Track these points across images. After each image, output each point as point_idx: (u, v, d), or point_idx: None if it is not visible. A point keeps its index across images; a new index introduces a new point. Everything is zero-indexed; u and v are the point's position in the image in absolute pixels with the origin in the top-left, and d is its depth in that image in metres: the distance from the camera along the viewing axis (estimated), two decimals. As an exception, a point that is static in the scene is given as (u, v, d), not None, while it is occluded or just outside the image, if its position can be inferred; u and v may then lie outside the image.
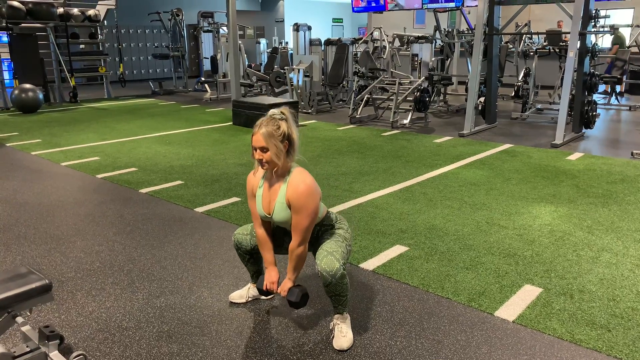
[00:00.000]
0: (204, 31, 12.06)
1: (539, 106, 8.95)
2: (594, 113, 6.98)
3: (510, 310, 2.62)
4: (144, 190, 4.67)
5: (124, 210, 4.15)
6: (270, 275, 2.40)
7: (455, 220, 3.87)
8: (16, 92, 9.37)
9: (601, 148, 6.42)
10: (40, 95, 9.60)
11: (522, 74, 9.56)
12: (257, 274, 2.67)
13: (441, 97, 10.14)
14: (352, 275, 3.01)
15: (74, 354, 2.14)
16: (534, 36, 13.13)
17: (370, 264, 3.13)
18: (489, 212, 4.04)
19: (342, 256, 2.25)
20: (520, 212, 4.05)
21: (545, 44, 10.69)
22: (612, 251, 3.31)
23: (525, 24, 10.91)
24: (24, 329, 2.28)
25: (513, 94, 10.14)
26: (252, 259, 2.59)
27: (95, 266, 3.14)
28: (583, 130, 7.09)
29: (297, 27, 9.57)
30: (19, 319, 1.98)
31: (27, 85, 9.47)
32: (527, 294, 2.77)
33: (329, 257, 2.21)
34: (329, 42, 10.46)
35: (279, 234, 2.47)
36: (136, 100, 11.42)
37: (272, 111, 2.24)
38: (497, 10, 7.20)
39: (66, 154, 6.11)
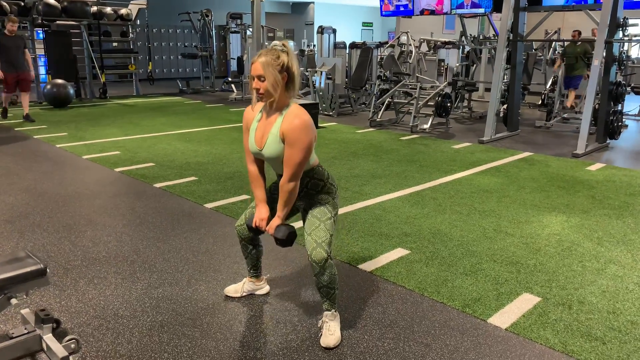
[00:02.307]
0: (232, 32, 12.23)
1: (564, 115, 8.76)
2: (620, 123, 6.80)
3: (504, 317, 2.58)
4: (158, 185, 4.77)
5: (136, 204, 4.25)
6: (260, 212, 2.37)
7: (462, 226, 3.84)
8: (49, 86, 9.70)
9: (625, 159, 6.25)
10: (72, 91, 9.90)
11: (549, 82, 9.39)
12: (254, 269, 2.71)
13: (465, 103, 10.04)
14: (349, 276, 3.01)
15: (67, 338, 2.21)
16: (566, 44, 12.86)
17: (369, 266, 3.13)
18: (497, 220, 3.98)
19: (328, 242, 2.26)
20: (530, 220, 3.98)
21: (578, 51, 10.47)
22: (619, 263, 3.23)
23: (555, 32, 10.69)
24: (23, 312, 2.38)
25: (540, 102, 9.98)
26: (254, 249, 2.60)
27: (101, 256, 3.24)
28: (608, 141, 6.91)
29: (321, 30, 9.62)
30: (14, 301, 2.06)
31: (59, 81, 9.78)
32: (525, 302, 2.73)
33: (318, 250, 2.23)
34: (353, 46, 10.47)
35: (275, 203, 2.42)
36: (163, 98, 11.66)
37: (274, 42, 2.22)
38: (522, 17, 7.09)
39: (89, 148, 6.29)
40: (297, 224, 2.72)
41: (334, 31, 10.10)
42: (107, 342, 2.33)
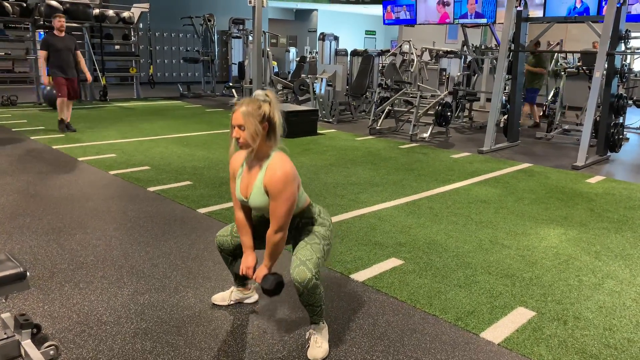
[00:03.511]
0: (233, 37, 12.22)
1: (565, 127, 8.71)
2: (621, 136, 6.75)
3: (497, 332, 2.52)
4: (152, 189, 4.72)
5: (128, 207, 4.20)
6: (247, 260, 2.34)
7: (458, 236, 3.77)
8: (48, 88, 9.66)
9: (625, 172, 6.19)
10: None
11: (551, 94, 9.35)
12: (239, 278, 2.65)
13: (466, 113, 10.00)
14: (341, 285, 2.95)
15: (46, 344, 2.15)
16: (568, 56, 12.85)
17: (361, 276, 3.07)
18: (493, 231, 3.92)
19: (315, 264, 2.19)
20: (527, 232, 3.92)
21: (579, 64, 10.44)
22: (617, 278, 3.16)
23: (557, 43, 10.66)
24: (3, 316, 2.32)
25: (541, 114, 9.93)
26: (234, 261, 2.56)
27: (88, 260, 3.18)
28: (608, 154, 6.85)
29: (323, 37, 9.61)
30: (-9, 305, 2.00)
31: (59, 82, 9.74)
32: (519, 316, 2.67)
33: (301, 268, 2.16)
34: (355, 53, 10.45)
35: (260, 228, 2.39)
36: (163, 101, 11.64)
37: (256, 92, 2.20)
38: (524, 27, 7.06)
39: (85, 150, 6.25)
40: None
41: (336, 38, 10.08)
42: (88, 349, 2.26)
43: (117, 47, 13.15)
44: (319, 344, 2.29)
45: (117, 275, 2.99)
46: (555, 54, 10.57)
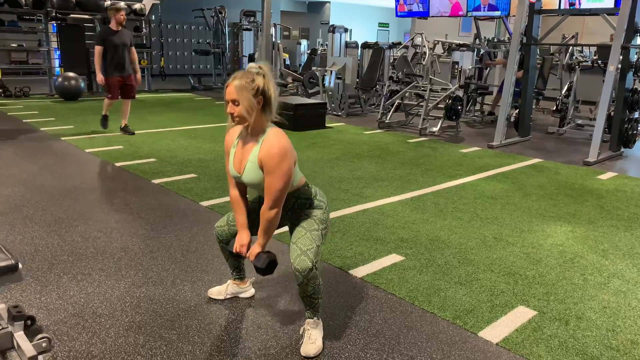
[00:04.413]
0: (244, 29, 12.18)
1: (579, 122, 8.55)
2: (635, 132, 6.60)
3: (496, 331, 2.46)
4: (156, 181, 4.72)
5: (131, 199, 4.20)
6: (240, 238, 2.30)
7: (461, 233, 3.72)
8: (59, 79, 9.74)
9: (638, 169, 6.05)
10: (82, 84, 9.94)
11: (565, 88, 9.18)
12: (237, 270, 2.63)
13: (477, 107, 9.87)
14: (339, 281, 2.92)
15: (39, 336, 2.15)
16: (584, 49, 12.61)
17: (360, 271, 3.03)
18: (499, 227, 3.85)
19: (316, 253, 2.16)
20: (533, 229, 3.85)
21: (595, 57, 10.23)
22: (623, 278, 3.09)
23: (572, 36, 10.46)
24: (-2, 307, 2.32)
25: (554, 108, 9.77)
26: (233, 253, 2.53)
27: (88, 251, 3.18)
28: (622, 150, 6.71)
29: (333, 29, 9.52)
30: (-18, 297, 2.00)
31: (70, 74, 9.82)
32: (519, 316, 2.61)
33: (302, 257, 2.13)
34: (365, 46, 10.36)
35: (256, 216, 2.33)
36: (174, 94, 11.66)
37: (250, 65, 2.14)
38: (536, 20, 6.92)
39: (93, 141, 6.27)
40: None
41: (346, 30, 9.99)
42: (81, 342, 2.26)
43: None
44: (312, 340, 2.26)
45: (115, 267, 2.98)
46: (570, 47, 10.37)
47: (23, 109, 8.55)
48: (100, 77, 6.44)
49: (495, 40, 10.53)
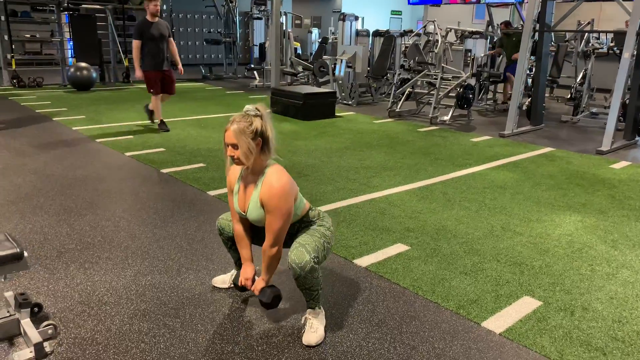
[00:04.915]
0: (254, 18, 12.14)
1: (593, 110, 8.41)
2: (650, 120, 6.47)
3: (499, 321, 2.45)
4: (165, 170, 4.75)
5: (140, 189, 4.23)
6: (245, 272, 2.37)
7: (469, 222, 3.69)
8: (72, 70, 9.82)
9: (653, 158, 5.95)
10: (94, 74, 10.01)
11: (580, 76, 9.02)
12: (239, 261, 2.64)
13: (490, 95, 9.75)
14: (343, 270, 2.92)
15: (45, 323, 2.19)
16: (601, 36, 12.36)
17: (364, 261, 3.03)
18: (507, 217, 3.82)
19: (315, 249, 2.17)
20: (542, 219, 3.80)
21: (612, 44, 10.03)
22: (632, 268, 3.04)
23: (588, 23, 10.25)
24: (6, 295, 2.37)
25: (569, 97, 9.61)
26: (234, 245, 2.55)
27: (96, 240, 3.22)
28: (636, 138, 6.59)
29: (343, 17, 9.45)
30: (-12, 284, 2.04)
31: (82, 64, 9.89)
32: (524, 306, 2.59)
33: (300, 249, 2.14)
34: (376, 34, 10.27)
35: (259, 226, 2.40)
36: (185, 83, 11.69)
37: (246, 107, 2.18)
38: (549, 6, 6.79)
39: (103, 131, 6.33)
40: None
41: (357, 18, 9.91)
42: (87, 329, 2.29)
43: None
44: (314, 328, 2.27)
45: (122, 256, 3.02)
46: (586, 34, 10.18)
47: (36, 99, 8.64)
48: (138, 73, 6.12)
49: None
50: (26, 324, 2.16)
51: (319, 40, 13.49)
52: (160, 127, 6.49)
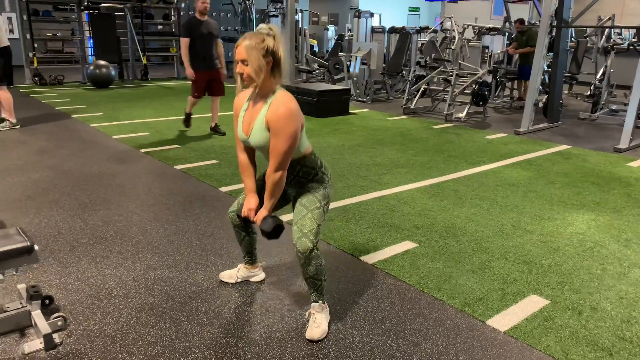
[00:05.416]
0: (271, 16, 12.18)
1: (613, 107, 8.26)
2: (670, 117, 6.33)
3: (505, 320, 2.44)
4: (178, 167, 4.81)
5: (153, 185, 4.30)
6: (248, 202, 2.33)
7: (479, 220, 3.67)
8: (91, 67, 9.99)
9: (673, 156, 5.82)
10: (113, 72, 10.16)
11: (600, 72, 8.87)
12: (248, 255, 2.67)
13: (507, 92, 9.64)
14: (349, 267, 2.93)
15: (54, 315, 2.25)
16: (623, 31, 12.11)
17: (371, 258, 3.03)
18: (518, 215, 3.78)
19: (316, 234, 2.19)
20: (554, 217, 3.76)
21: (634, 40, 9.82)
22: (644, 268, 3.00)
23: (609, 18, 10.06)
24: (19, 287, 2.43)
25: (588, 93, 9.46)
26: (247, 237, 2.56)
27: (108, 235, 3.28)
28: (656, 136, 6.45)
29: (358, 14, 9.42)
30: (-1, 276, 2.10)
31: (101, 62, 10.05)
32: (531, 304, 2.57)
33: (303, 240, 2.16)
34: (392, 30, 10.22)
35: (261, 194, 2.37)
36: (202, 81, 11.77)
37: (260, 26, 2.14)
38: (567, 1, 6.68)
39: (120, 128, 6.43)
40: (288, 216, 2.65)
41: (372, 15, 9.87)
42: (95, 321, 2.35)
43: (160, 27, 13.37)
44: (317, 324, 2.28)
45: (133, 250, 3.07)
46: (606, 29, 10.00)
47: (56, 96, 8.81)
48: (190, 72, 5.86)
49: (527, 23, 10.21)
50: (37, 315, 2.22)
51: (335, 38, 13.48)
52: (216, 131, 6.32)
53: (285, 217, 3.41)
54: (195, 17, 5.80)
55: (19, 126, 6.26)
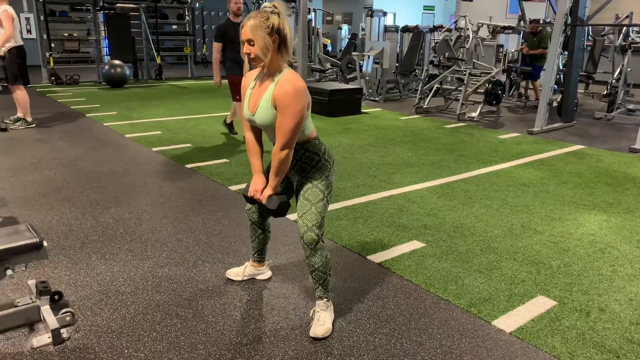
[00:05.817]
0: (284, 15, 12.18)
1: (630, 106, 8.13)
2: (688, 117, 6.21)
3: (511, 320, 2.42)
4: (189, 166, 4.85)
5: (164, 183, 4.34)
6: (255, 183, 2.35)
7: (488, 220, 3.64)
8: (106, 67, 10.11)
9: (690, 156, 5.72)
10: (127, 72, 10.27)
11: (617, 71, 8.73)
12: (258, 253, 2.68)
13: (521, 91, 9.54)
14: (356, 266, 2.93)
15: (63, 311, 2.28)
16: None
17: (378, 257, 3.03)
18: (528, 216, 3.75)
19: (320, 226, 2.20)
20: (565, 218, 3.72)
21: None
22: (656, 270, 2.95)
23: (627, 16, 9.89)
24: (29, 282, 2.48)
25: (604, 93, 9.32)
26: (262, 234, 2.58)
27: (118, 232, 3.33)
28: (673, 136, 6.33)
29: (371, 13, 9.40)
30: (9, 272, 2.14)
31: (116, 62, 10.17)
32: (538, 305, 2.55)
33: (309, 234, 2.18)
34: (405, 29, 10.18)
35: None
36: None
37: (264, 4, 2.15)
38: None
39: (133, 127, 6.50)
40: (292, 216, 2.66)
41: (385, 14, 9.84)
42: (103, 317, 2.38)
43: (174, 27, 13.48)
44: (321, 322, 2.29)
45: (141, 248, 3.11)
46: (624, 28, 9.85)
47: (72, 95, 8.94)
48: (217, 79, 5.57)
49: (542, 21, 10.09)
50: (46, 310, 2.26)
51: (349, 37, 13.46)
52: (229, 126, 6.26)
53: (289, 217, 3.42)
54: (229, 20, 5.51)
55: (34, 125, 6.36)
